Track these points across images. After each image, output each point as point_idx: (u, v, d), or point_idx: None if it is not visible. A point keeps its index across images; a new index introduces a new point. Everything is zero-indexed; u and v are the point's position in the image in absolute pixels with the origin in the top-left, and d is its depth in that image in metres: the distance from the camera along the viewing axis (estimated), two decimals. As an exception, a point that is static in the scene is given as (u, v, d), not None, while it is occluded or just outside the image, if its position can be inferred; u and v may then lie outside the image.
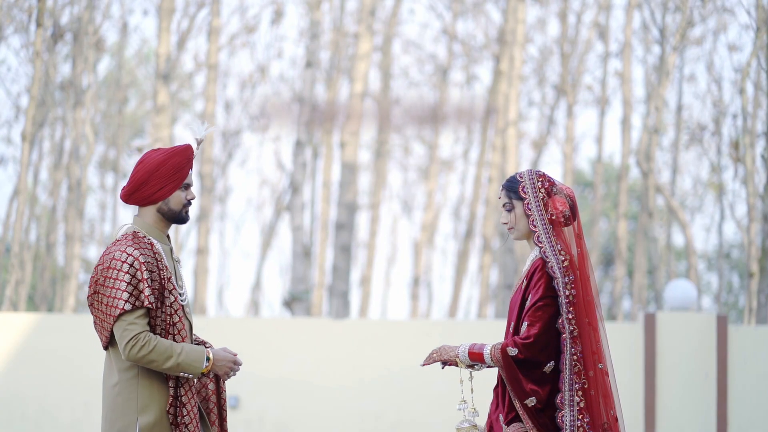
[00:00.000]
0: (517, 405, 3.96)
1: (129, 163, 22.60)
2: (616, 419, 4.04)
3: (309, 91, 14.67)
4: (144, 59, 22.21)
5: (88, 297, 4.01)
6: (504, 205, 4.11)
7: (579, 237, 4.07)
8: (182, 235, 23.57)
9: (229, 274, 29.23)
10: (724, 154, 16.01)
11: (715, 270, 23.46)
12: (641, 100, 18.66)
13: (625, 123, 16.41)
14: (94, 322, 4.02)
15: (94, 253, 24.06)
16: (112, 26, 17.69)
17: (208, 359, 3.98)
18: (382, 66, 20.06)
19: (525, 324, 3.97)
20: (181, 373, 3.94)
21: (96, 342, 9.04)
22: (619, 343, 8.84)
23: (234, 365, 4.06)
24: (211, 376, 4.13)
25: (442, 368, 4.16)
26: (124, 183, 24.05)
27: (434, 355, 4.10)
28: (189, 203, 4.07)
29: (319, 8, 15.14)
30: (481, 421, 4.13)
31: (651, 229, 14.88)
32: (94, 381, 9.14)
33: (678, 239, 21.87)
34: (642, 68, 17.59)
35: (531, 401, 3.94)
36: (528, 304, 4.00)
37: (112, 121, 20.03)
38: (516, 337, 3.98)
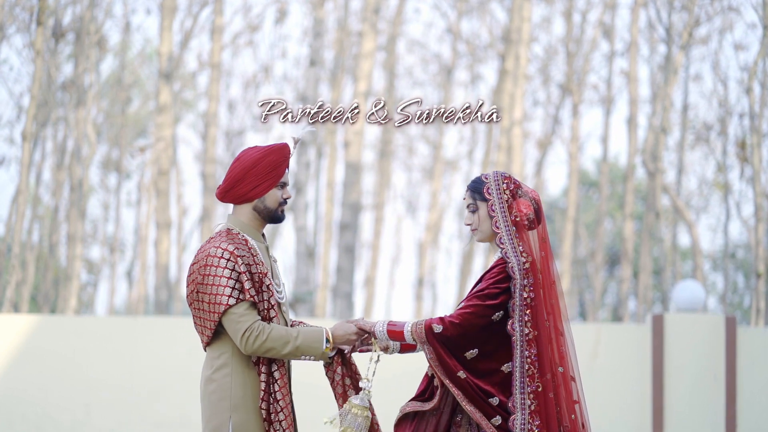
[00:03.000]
0: (447, 381, 3.89)
1: (132, 163, 22.56)
2: (584, 425, 3.96)
3: (313, 91, 14.59)
4: (147, 59, 22.14)
5: (187, 296, 3.98)
6: (468, 206, 4.07)
7: (544, 240, 4.01)
8: (185, 236, 23.51)
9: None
10: (730, 153, 15.92)
11: (720, 270, 23.36)
12: (647, 99, 18.58)
13: (631, 122, 16.32)
14: (195, 321, 3.98)
15: (96, 253, 24.01)
16: (114, 25, 17.65)
17: (327, 340, 3.96)
18: (387, 65, 19.99)
19: (461, 304, 3.94)
20: (303, 357, 3.95)
21: (96, 343, 8.99)
22: (627, 345, 8.76)
23: (355, 336, 4.00)
24: (338, 360, 4.07)
25: (354, 351, 4.12)
26: (127, 183, 24.01)
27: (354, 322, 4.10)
28: (285, 202, 4.04)
29: (322, 7, 15.08)
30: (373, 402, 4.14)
31: (657, 229, 14.78)
32: (95, 382, 9.06)
33: (684, 239, 21.79)
34: (647, 67, 17.51)
35: (461, 374, 3.87)
36: (472, 291, 3.97)
37: (114, 121, 19.97)
38: (445, 315, 3.95)
